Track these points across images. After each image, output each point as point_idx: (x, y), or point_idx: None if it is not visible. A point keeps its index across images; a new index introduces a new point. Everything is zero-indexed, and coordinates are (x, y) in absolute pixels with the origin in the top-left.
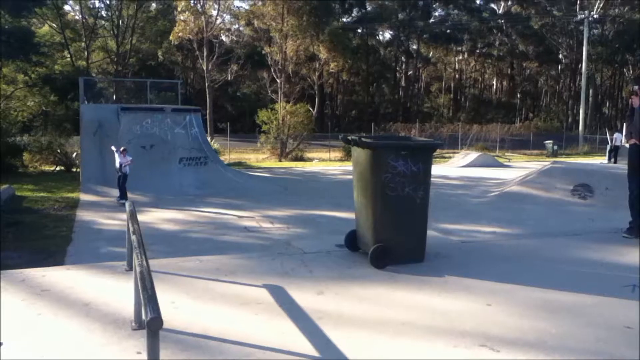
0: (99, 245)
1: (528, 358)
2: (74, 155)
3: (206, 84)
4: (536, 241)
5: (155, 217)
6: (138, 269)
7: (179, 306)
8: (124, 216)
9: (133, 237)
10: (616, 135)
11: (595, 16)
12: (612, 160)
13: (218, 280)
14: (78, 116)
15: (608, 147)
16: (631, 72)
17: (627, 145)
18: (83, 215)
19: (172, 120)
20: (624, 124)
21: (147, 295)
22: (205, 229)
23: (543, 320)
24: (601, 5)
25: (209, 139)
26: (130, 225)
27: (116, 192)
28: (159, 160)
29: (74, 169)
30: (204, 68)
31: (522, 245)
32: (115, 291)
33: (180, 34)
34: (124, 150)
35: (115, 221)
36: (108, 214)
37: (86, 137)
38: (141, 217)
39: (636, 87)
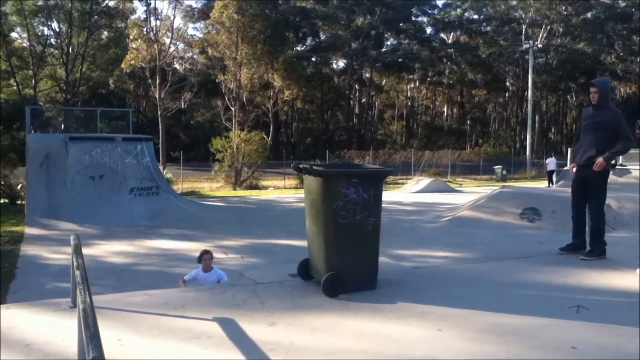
0: (44, 281)
1: None
2: (19, 187)
3: (159, 112)
4: (486, 265)
5: (104, 250)
6: (81, 306)
7: (125, 343)
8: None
9: (77, 273)
10: (548, 160)
11: (539, 46)
12: (549, 184)
13: (167, 315)
14: (24, 146)
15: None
16: (574, 99)
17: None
18: (28, 249)
19: (122, 150)
20: (569, 149)
21: (89, 334)
22: (156, 261)
23: (493, 344)
24: (545, 35)
25: (161, 168)
26: (74, 259)
27: (64, 225)
28: (109, 191)
29: (19, 202)
30: (157, 96)
31: (473, 270)
32: (59, 330)
33: (132, 61)
34: None
35: (61, 255)
36: (54, 247)
37: (32, 168)
38: (89, 250)
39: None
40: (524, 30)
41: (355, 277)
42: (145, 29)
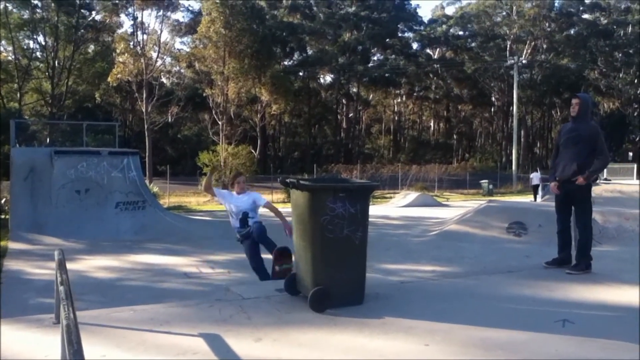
0: (28, 296)
1: None
2: (3, 201)
3: (145, 126)
4: (473, 279)
5: (90, 265)
6: (64, 322)
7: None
8: None
9: (61, 288)
10: (533, 175)
11: (524, 61)
12: (534, 198)
13: (152, 331)
14: (8, 160)
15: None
16: (559, 114)
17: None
18: (11, 264)
19: (108, 164)
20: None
21: (73, 350)
22: (143, 276)
23: (479, 359)
24: (529, 51)
25: (147, 182)
26: (58, 275)
27: (49, 240)
28: (94, 205)
29: (3, 216)
30: (144, 110)
31: (459, 284)
32: (42, 346)
33: (119, 75)
34: None
35: (46, 270)
36: (39, 262)
37: (17, 182)
38: (74, 265)
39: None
40: (508, 46)
41: (342, 292)
42: (132, 43)
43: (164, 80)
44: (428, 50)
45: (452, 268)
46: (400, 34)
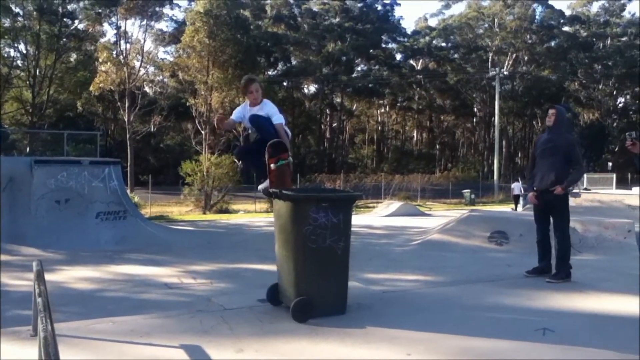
0: (5, 308)
1: None
2: None
3: (127, 136)
4: (455, 288)
5: (69, 276)
6: (42, 335)
7: None
8: None
9: (39, 300)
10: (514, 185)
11: (505, 73)
12: (515, 207)
13: (132, 343)
14: None
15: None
16: (540, 124)
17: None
18: None
19: (89, 173)
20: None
21: None
22: (124, 287)
23: None
24: (510, 63)
25: (129, 192)
26: (36, 286)
27: (28, 250)
28: (75, 215)
29: None
30: (126, 119)
31: (442, 293)
32: (19, 359)
33: (101, 84)
34: None
35: (24, 282)
36: (17, 273)
37: None
38: (54, 276)
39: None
40: (490, 57)
41: (325, 302)
42: (115, 52)
43: (147, 89)
44: (411, 61)
45: (435, 277)
46: (384, 45)
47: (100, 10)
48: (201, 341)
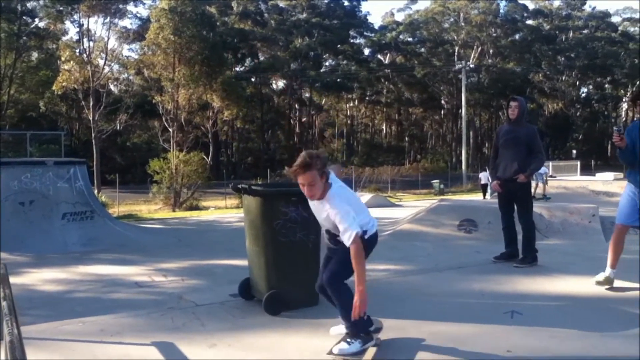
0: None
1: None
2: None
3: (93, 135)
4: (425, 276)
5: (36, 279)
6: (7, 339)
7: None
8: None
9: (3, 304)
10: (481, 174)
11: (471, 66)
12: (484, 196)
13: (103, 342)
14: None
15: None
16: (506, 115)
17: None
18: None
19: (54, 174)
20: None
21: None
22: (92, 287)
23: (432, 353)
24: (476, 56)
25: (96, 191)
26: (0, 290)
27: None
28: (40, 217)
29: None
30: (91, 118)
31: (412, 282)
32: None
33: (64, 83)
34: None
35: None
36: None
37: None
38: (20, 279)
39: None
40: (456, 51)
41: (297, 295)
42: (77, 50)
43: (112, 87)
44: (379, 56)
45: (405, 266)
46: (351, 40)
47: (61, 8)
48: (173, 338)
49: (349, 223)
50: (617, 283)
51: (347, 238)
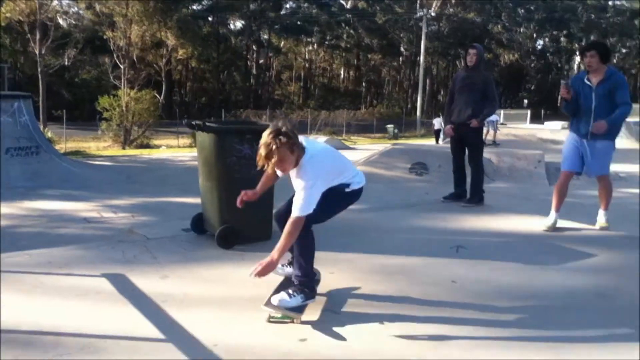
0: None
1: (365, 312)
2: None
3: (39, 69)
4: (376, 214)
5: None
6: None
7: (6, 304)
8: None
9: None
10: (435, 120)
11: (432, 14)
12: (437, 141)
13: (51, 274)
14: None
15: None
16: (463, 64)
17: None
18: None
19: None
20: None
21: None
22: (38, 222)
23: (380, 283)
24: (438, 5)
25: (41, 127)
26: None
27: None
28: None
29: None
30: (37, 52)
31: (363, 219)
32: None
33: (8, 14)
34: None
35: None
36: None
37: None
38: None
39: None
40: None
41: (250, 230)
42: None
43: (60, 21)
44: (341, 0)
45: (357, 205)
46: None
47: None
48: (124, 270)
49: (303, 202)
50: (560, 223)
51: (295, 209)
